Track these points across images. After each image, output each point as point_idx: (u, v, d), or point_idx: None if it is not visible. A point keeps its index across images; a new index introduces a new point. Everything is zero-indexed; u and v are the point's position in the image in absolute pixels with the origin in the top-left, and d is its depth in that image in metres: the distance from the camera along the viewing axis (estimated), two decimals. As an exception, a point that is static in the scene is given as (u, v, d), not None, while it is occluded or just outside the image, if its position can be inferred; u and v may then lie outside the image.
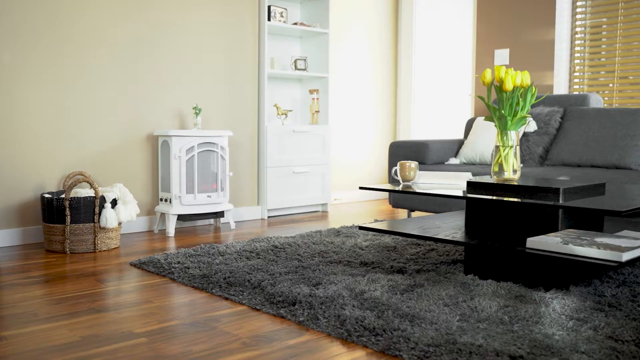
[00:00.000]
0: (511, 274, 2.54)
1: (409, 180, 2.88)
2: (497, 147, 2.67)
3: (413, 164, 2.84)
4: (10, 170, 3.46)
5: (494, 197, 2.45)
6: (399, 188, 2.73)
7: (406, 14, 5.99)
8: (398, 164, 2.87)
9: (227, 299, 2.41)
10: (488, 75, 2.68)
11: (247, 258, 3.03)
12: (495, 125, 2.66)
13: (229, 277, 2.62)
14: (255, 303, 2.30)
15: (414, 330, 1.92)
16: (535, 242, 2.28)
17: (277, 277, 2.61)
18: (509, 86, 2.56)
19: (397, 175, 2.95)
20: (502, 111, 2.60)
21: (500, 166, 2.66)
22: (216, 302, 2.36)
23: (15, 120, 3.47)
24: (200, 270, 2.78)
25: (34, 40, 3.51)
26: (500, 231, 2.66)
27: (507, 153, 2.62)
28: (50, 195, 3.34)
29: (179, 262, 2.92)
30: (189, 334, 2.00)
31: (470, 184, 2.61)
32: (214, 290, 2.48)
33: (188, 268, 2.82)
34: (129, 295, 2.47)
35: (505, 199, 2.42)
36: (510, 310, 2.12)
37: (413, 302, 2.22)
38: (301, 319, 2.10)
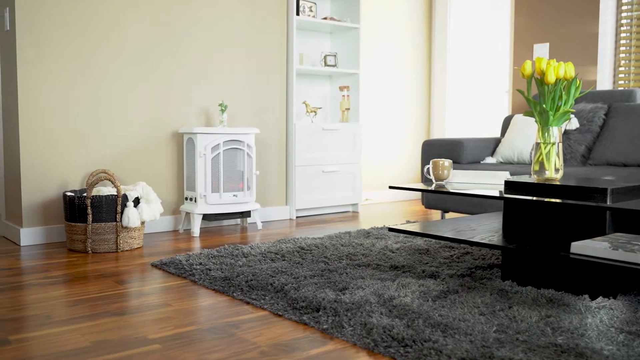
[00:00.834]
0: (553, 281, 2.36)
1: (442, 180, 2.72)
2: (537, 144, 2.49)
3: (447, 162, 2.68)
4: (34, 168, 3.40)
5: (535, 198, 2.28)
6: (432, 188, 2.57)
7: (440, 8, 5.81)
8: (431, 162, 2.71)
9: (248, 303, 2.28)
10: (528, 67, 2.50)
11: (272, 260, 2.90)
12: (536, 121, 2.48)
13: (251, 280, 2.50)
14: (277, 308, 2.17)
15: (446, 341, 1.77)
16: (581, 247, 2.10)
17: (301, 280, 2.48)
18: (551, 78, 2.38)
19: (429, 174, 2.79)
20: (544, 105, 2.42)
21: (541, 165, 2.48)
22: (236, 307, 2.23)
23: (40, 118, 3.41)
24: (222, 272, 2.66)
25: (58, 37, 3.45)
26: (541, 234, 2.48)
27: (549, 150, 2.44)
28: (72, 194, 3.27)
29: (200, 264, 2.81)
30: (205, 340, 1.88)
31: (508, 184, 2.43)
32: (235, 294, 2.36)
33: (210, 270, 2.71)
34: (147, 297, 2.36)
35: (547, 199, 2.24)
36: (552, 320, 1.95)
37: (446, 310, 2.06)
38: (325, 326, 1.96)
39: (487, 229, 2.64)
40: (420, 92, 5.85)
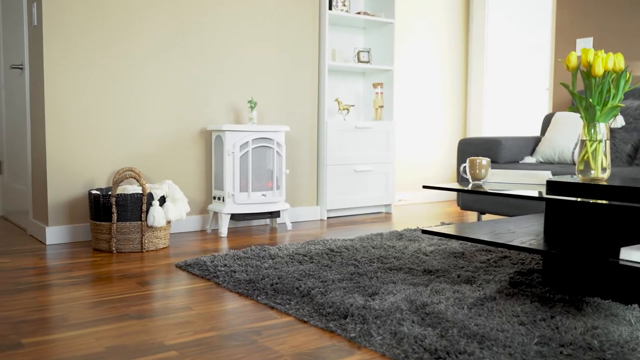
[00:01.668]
0: (599, 289, 2.19)
1: (479, 179, 2.56)
2: (582, 141, 2.32)
3: (484, 161, 2.53)
4: (60, 166, 3.35)
5: (579, 199, 2.11)
6: (468, 187, 2.43)
7: (478, 2, 5.62)
8: (467, 161, 2.56)
9: (272, 308, 2.17)
10: (573, 59, 2.33)
11: (299, 262, 2.79)
12: (582, 117, 2.31)
13: (277, 284, 2.39)
14: (303, 314, 2.05)
15: (483, 354, 1.63)
16: (631, 253, 1.93)
17: (329, 284, 2.36)
18: (598, 71, 2.21)
19: (466, 174, 2.64)
20: (590, 100, 2.25)
21: (587, 164, 2.31)
22: (260, 312, 2.12)
23: (66, 115, 3.36)
24: (247, 274, 2.56)
25: (85, 33, 3.39)
26: (586, 238, 2.31)
27: (595, 148, 2.27)
28: (97, 192, 3.21)
29: (225, 265, 2.71)
30: (225, 348, 1.77)
31: (550, 184, 2.27)
32: (259, 298, 2.25)
33: (234, 272, 2.60)
34: (168, 300, 2.27)
35: (593, 201, 2.08)
36: (599, 332, 1.79)
37: (483, 319, 1.91)
38: (352, 334, 1.84)
39: (527, 232, 2.48)
40: (456, 89, 5.67)
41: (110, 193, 3.12)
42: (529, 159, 4.06)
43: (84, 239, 3.46)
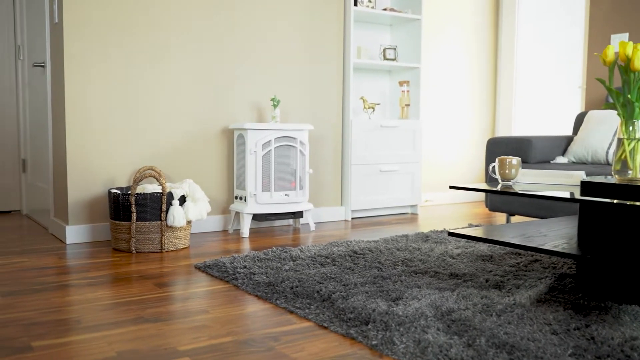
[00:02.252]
0: (637, 296, 2.07)
1: (509, 180, 2.45)
2: (620, 140, 2.19)
3: (514, 160, 2.41)
4: (80, 164, 3.32)
5: (616, 201, 1.99)
6: (497, 188, 2.31)
7: None
8: (497, 160, 2.45)
9: (291, 312, 2.09)
10: (610, 53, 2.21)
11: (321, 264, 2.70)
12: (619, 114, 2.19)
13: (297, 287, 2.30)
14: (323, 319, 1.97)
15: (513, 366, 1.52)
16: (673, 259, 1.81)
17: (351, 288, 2.27)
18: (638, 65, 2.08)
19: (495, 174, 2.53)
20: (628, 96, 2.12)
21: (624, 163, 2.18)
22: (279, 316, 2.04)
23: (86, 113, 3.32)
24: (267, 276, 2.48)
25: (105, 30, 3.35)
26: (622, 242, 2.18)
27: (634, 147, 2.15)
28: (117, 191, 3.16)
29: (245, 267, 2.64)
30: (240, 354, 1.69)
31: (585, 185, 2.15)
32: (278, 301, 2.17)
33: (254, 274, 2.53)
34: (184, 303, 2.20)
35: (630, 203, 1.95)
36: (639, 344, 1.67)
37: (512, 328, 1.80)
38: (374, 342, 1.74)
39: (559, 234, 2.36)
40: (485, 87, 5.53)
41: (129, 192, 3.08)
42: (560, 159, 3.92)
43: (104, 238, 3.42)
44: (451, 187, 2.32)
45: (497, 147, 3.97)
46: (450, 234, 2.40)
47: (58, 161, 3.48)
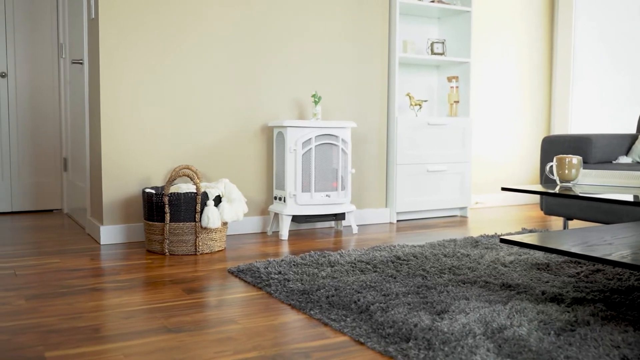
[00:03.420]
0: None
1: (568, 181, 2.22)
2: (698, 137, 1.93)
3: (575, 159, 2.18)
4: (116, 163, 3.22)
5: (697, 206, 1.74)
6: (555, 190, 2.09)
7: (565, -10, 5.16)
8: (555, 159, 2.22)
9: (326, 324, 1.91)
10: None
11: (361, 271, 2.52)
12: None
13: (333, 296, 2.13)
14: (359, 334, 1.79)
15: (577, 398, 1.31)
16: None
17: (392, 299, 2.08)
18: None
19: (552, 174, 2.29)
20: None
21: (703, 163, 1.92)
22: (311, 328, 1.87)
23: (122, 110, 3.23)
24: (302, 284, 2.31)
25: (141, 25, 3.25)
26: (702, 253, 1.92)
27: None
28: (151, 190, 3.05)
29: (279, 273, 2.48)
30: (265, 373, 1.53)
31: (657, 187, 1.91)
32: (312, 312, 2.00)
33: (288, 280, 2.37)
34: (212, 312, 2.05)
35: None
36: None
37: (574, 350, 1.59)
38: (415, 362, 1.55)
39: (626, 243, 2.12)
40: (539, 82, 5.24)
41: (163, 192, 2.96)
42: (623, 159, 3.62)
43: (138, 239, 3.32)
44: (503, 189, 2.11)
45: (553, 146, 3.70)
46: (503, 240, 2.19)
47: (94, 159, 3.40)
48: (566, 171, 2.18)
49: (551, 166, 2.65)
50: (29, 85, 4.39)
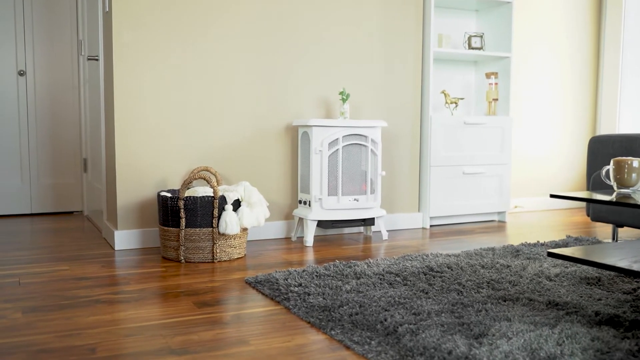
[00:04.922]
0: None
1: (628, 186, 1.95)
2: None
3: (636, 162, 1.91)
4: (131, 164, 3.05)
5: None
6: (613, 198, 1.83)
7: (613, -19, 4.84)
8: (612, 162, 1.95)
9: (347, 347, 1.69)
10: None
11: (389, 284, 2.29)
12: None
13: (357, 314, 1.90)
14: (385, 361, 1.56)
15: None
16: None
17: (423, 319, 1.84)
18: None
19: (609, 179, 2.03)
20: None
21: None
22: (331, 352, 1.65)
23: (137, 109, 3.05)
24: (324, 298, 2.09)
25: (157, 20, 3.07)
26: None
27: None
28: (167, 194, 2.86)
29: (300, 285, 2.26)
30: (274, 410, 1.32)
31: None
32: (332, 332, 1.78)
33: (308, 294, 2.15)
34: (222, 330, 1.85)
35: None
36: None
37: (641, 390, 1.33)
38: (449, 400, 1.32)
39: (694, 258, 1.84)
40: (584, 79, 4.92)
41: (178, 196, 2.77)
42: (680, 161, 3.31)
43: (154, 245, 3.15)
44: (552, 196, 1.85)
45: (602, 147, 3.40)
46: (550, 254, 1.93)
47: (109, 160, 3.23)
48: (625, 176, 1.91)
49: (607, 170, 2.38)
50: (48, 83, 4.26)
